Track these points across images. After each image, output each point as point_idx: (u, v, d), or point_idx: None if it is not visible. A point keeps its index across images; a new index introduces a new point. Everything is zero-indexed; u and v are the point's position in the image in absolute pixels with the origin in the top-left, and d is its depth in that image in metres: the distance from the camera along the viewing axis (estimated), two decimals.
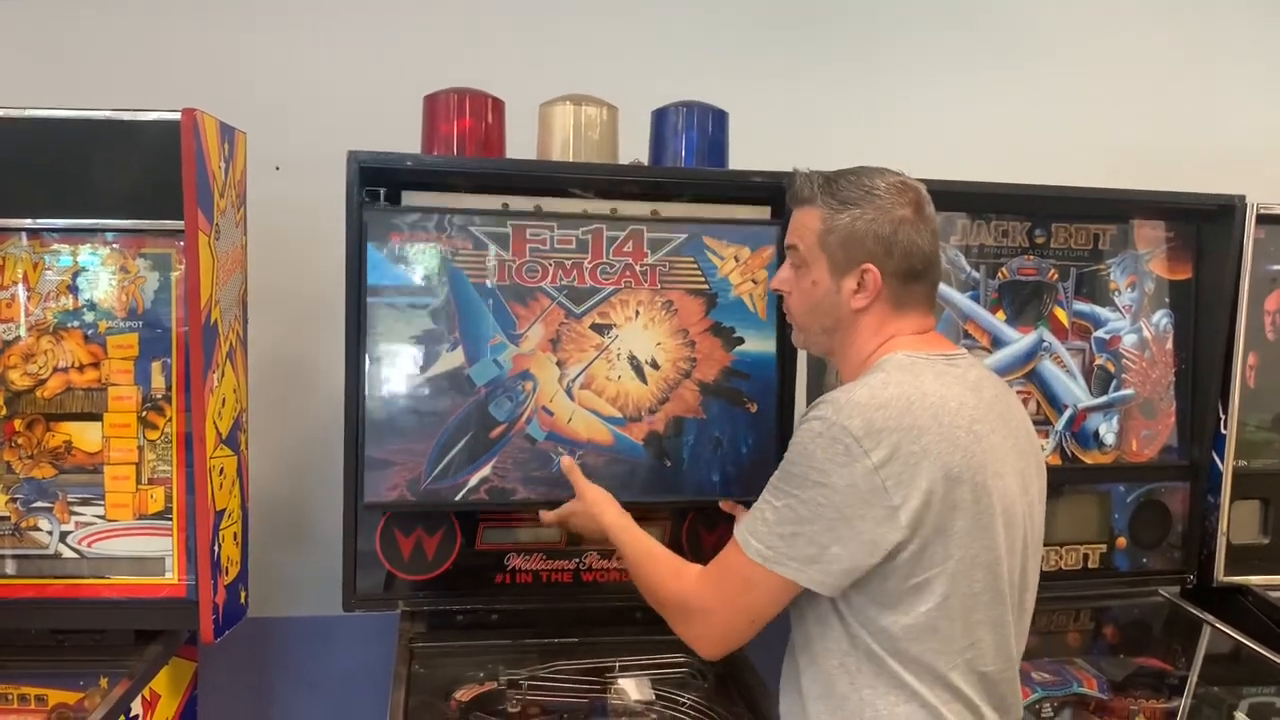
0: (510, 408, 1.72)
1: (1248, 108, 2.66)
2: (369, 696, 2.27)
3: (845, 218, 1.35)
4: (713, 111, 1.92)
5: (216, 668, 2.10)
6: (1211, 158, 2.45)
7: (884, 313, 1.37)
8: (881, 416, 1.23)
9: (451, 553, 1.82)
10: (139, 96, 1.75)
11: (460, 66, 2.03)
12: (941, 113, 2.47)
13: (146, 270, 1.71)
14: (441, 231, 1.72)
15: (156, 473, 1.72)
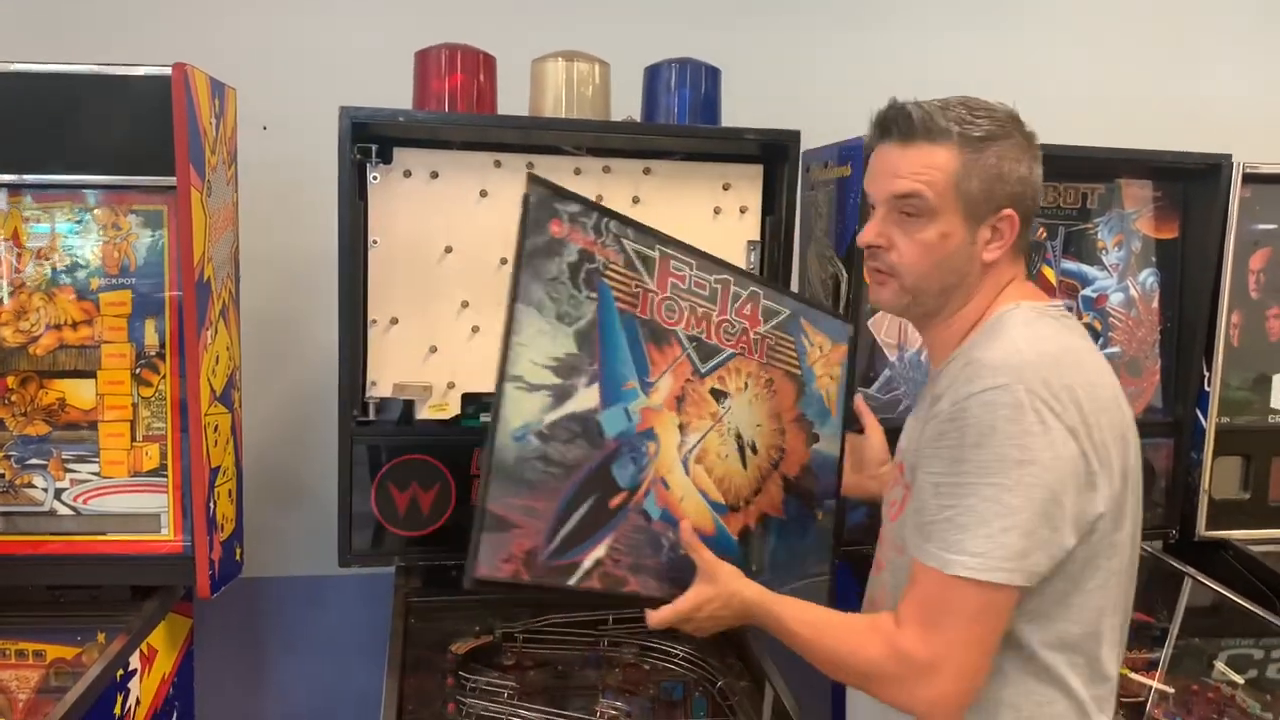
0: (633, 473, 1.32)
1: (1235, 67, 2.67)
2: (362, 654, 2.29)
3: (990, 156, 1.17)
4: (706, 68, 1.92)
5: (212, 626, 2.12)
6: (1199, 117, 2.46)
7: (1007, 263, 1.22)
8: (1058, 374, 1.08)
9: (447, 508, 1.84)
10: (128, 51, 1.74)
11: (451, 23, 2.01)
12: (931, 70, 2.46)
13: (138, 227, 1.70)
14: (598, 236, 1.33)
15: (151, 430, 1.72)
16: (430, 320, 1.83)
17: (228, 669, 2.25)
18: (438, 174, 1.81)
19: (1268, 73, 2.69)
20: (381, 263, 1.81)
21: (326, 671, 2.34)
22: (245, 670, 2.32)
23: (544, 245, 1.30)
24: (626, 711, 1.63)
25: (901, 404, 2.00)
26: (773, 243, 1.91)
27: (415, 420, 1.85)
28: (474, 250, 1.83)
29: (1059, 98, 2.48)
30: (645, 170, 1.87)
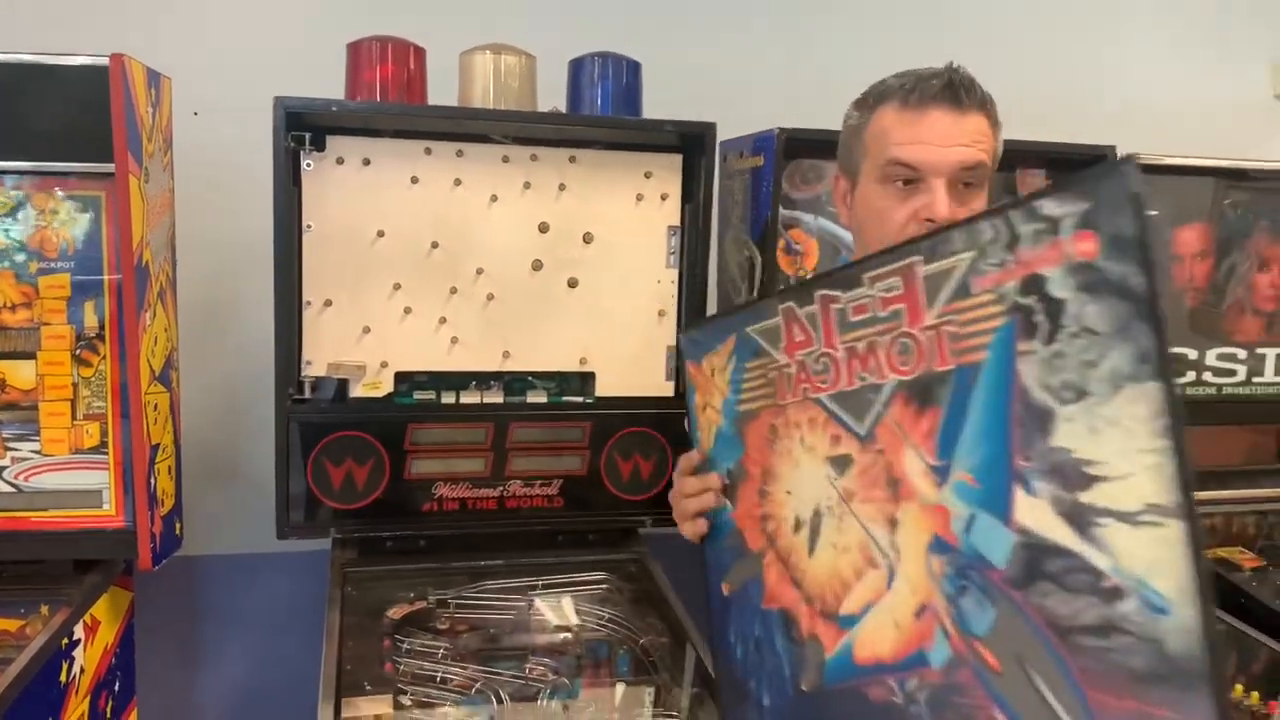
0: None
1: (1120, 65, 2.84)
2: (297, 628, 2.37)
3: (1000, 134, 1.28)
4: (626, 62, 2.01)
5: (149, 603, 2.17)
6: (1088, 110, 2.63)
7: None
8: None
9: (381, 482, 1.92)
10: (62, 39, 1.79)
11: (382, 14, 2.08)
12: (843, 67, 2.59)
13: (76, 212, 1.75)
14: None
15: (92, 408, 1.78)
16: (363, 302, 1.91)
17: (166, 643, 2.30)
18: (370, 161, 1.88)
19: (1152, 68, 2.87)
20: (315, 247, 1.88)
21: (262, 644, 2.41)
22: (183, 644, 2.38)
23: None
24: (554, 668, 1.73)
25: None
26: (692, 228, 2.01)
27: (349, 398, 1.93)
28: (405, 234, 1.91)
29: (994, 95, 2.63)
30: (571, 159, 1.96)
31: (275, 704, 2.35)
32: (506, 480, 1.98)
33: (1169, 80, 2.93)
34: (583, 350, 2.01)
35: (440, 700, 1.58)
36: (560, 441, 2.00)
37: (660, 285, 2.03)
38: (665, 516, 2.04)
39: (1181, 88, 2.95)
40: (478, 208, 1.93)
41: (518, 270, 1.96)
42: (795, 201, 2.08)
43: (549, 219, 1.96)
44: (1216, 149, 2.42)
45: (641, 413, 2.03)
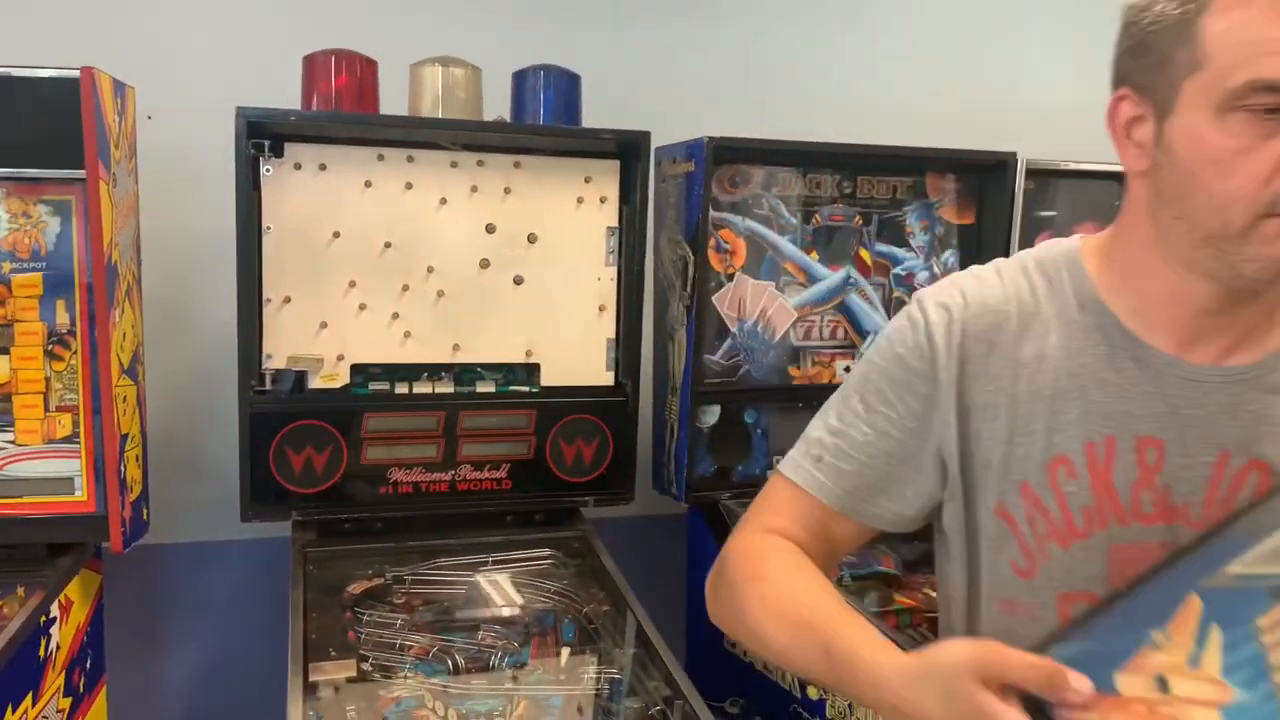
0: None
1: (1023, 74, 3.05)
2: (258, 610, 2.48)
3: None
4: (567, 74, 2.16)
5: (116, 588, 2.26)
6: (992, 118, 2.82)
7: None
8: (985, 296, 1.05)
9: (339, 468, 2.05)
10: (31, 52, 1.88)
11: (334, 29, 2.20)
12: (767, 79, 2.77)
13: (48, 215, 1.85)
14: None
15: (64, 400, 1.88)
16: (320, 299, 2.03)
17: (132, 625, 2.40)
18: (326, 166, 2.01)
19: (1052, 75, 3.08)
20: (275, 247, 2.00)
21: (224, 625, 2.51)
22: (148, 626, 2.47)
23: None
24: (505, 637, 1.88)
25: (741, 368, 2.30)
26: (629, 229, 2.17)
27: (307, 390, 2.05)
28: (359, 235, 2.04)
29: (880, 101, 2.82)
30: (515, 164, 2.10)
31: (237, 679, 2.47)
32: (458, 465, 2.11)
33: (1070, 87, 3.15)
34: (528, 343, 2.15)
35: (400, 665, 1.72)
36: (508, 428, 2.14)
37: (600, 282, 2.18)
38: (606, 496, 2.22)
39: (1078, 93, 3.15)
40: (428, 210, 2.07)
41: (466, 268, 2.10)
42: (724, 204, 2.25)
43: (495, 220, 2.10)
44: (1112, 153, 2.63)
45: (583, 400, 2.18)
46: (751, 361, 2.31)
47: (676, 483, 2.28)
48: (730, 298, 2.27)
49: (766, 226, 2.29)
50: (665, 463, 2.32)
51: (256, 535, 2.38)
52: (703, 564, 2.34)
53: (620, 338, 2.20)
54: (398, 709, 1.65)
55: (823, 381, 2.36)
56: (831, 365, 2.37)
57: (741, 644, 1.09)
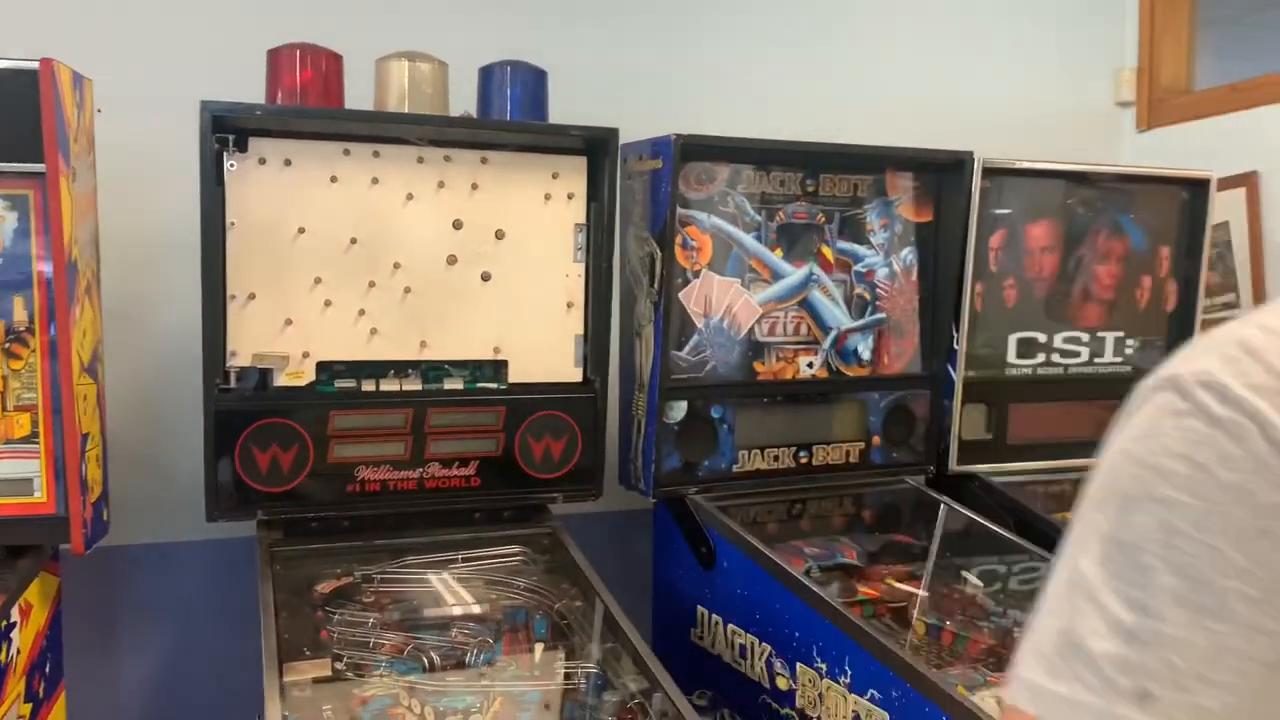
0: None
1: (979, 76, 3.13)
2: (218, 612, 2.45)
3: None
4: (534, 70, 2.16)
5: (72, 591, 2.22)
6: (950, 118, 2.88)
7: None
8: None
9: (305, 466, 2.02)
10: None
11: (298, 23, 2.18)
12: (734, 77, 2.81)
13: (4, 210, 1.80)
14: None
15: (22, 400, 1.83)
16: (285, 295, 2.00)
17: (89, 629, 2.35)
18: (290, 161, 1.98)
19: (1007, 79, 3.16)
20: (239, 243, 1.97)
21: (183, 628, 2.47)
22: (106, 631, 2.43)
23: None
24: (477, 633, 1.88)
25: (708, 364, 2.32)
26: (597, 225, 2.17)
27: (271, 387, 2.02)
28: (325, 231, 2.01)
29: (836, 100, 2.87)
30: (483, 160, 2.10)
31: (199, 681, 2.43)
32: (425, 463, 2.10)
33: (1020, 89, 3.23)
34: (496, 339, 2.15)
35: (373, 664, 1.71)
36: (476, 425, 2.13)
37: (568, 279, 2.18)
38: (574, 492, 2.23)
39: (1032, 95, 3.25)
40: (394, 206, 2.05)
41: (433, 264, 2.09)
42: (690, 201, 2.27)
43: (462, 216, 2.09)
44: (1064, 152, 2.71)
45: (552, 397, 2.18)
46: (717, 357, 2.32)
47: (644, 478, 2.29)
48: (696, 294, 2.29)
49: (732, 223, 2.31)
50: (632, 458, 2.34)
51: (216, 536, 2.34)
52: (669, 557, 2.36)
53: (588, 334, 2.21)
54: (373, 707, 1.64)
55: (786, 377, 2.39)
56: (795, 361, 2.40)
57: None
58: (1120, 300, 2.75)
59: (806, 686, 1.92)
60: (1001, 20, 3.21)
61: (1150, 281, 2.77)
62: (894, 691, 1.71)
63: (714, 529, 2.21)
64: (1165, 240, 2.78)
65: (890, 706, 1.72)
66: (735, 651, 2.13)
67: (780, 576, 2.00)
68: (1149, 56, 3.46)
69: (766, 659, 2.03)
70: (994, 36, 3.17)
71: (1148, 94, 3.47)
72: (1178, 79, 3.46)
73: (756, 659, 2.06)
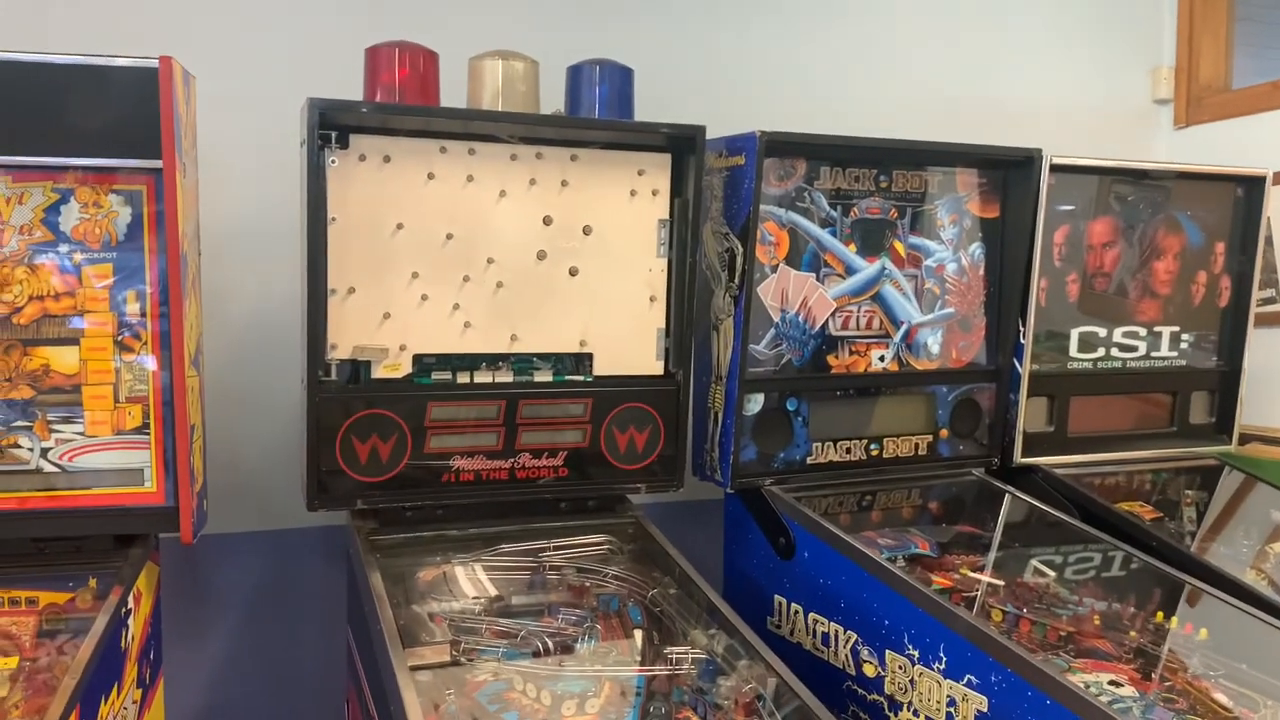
0: None
1: (1049, 73, 3.17)
2: (306, 600, 2.50)
3: None
4: (620, 68, 2.19)
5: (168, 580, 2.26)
6: (1019, 115, 2.93)
7: None
8: None
9: (403, 456, 2.06)
10: (85, 41, 1.87)
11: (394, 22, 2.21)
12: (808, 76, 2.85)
13: (119, 205, 1.84)
14: None
15: (134, 391, 1.87)
16: (384, 289, 2.04)
17: (183, 619, 2.39)
18: (389, 158, 2.02)
19: (1075, 77, 3.21)
20: (340, 238, 2.00)
21: (275, 617, 2.51)
22: (198, 619, 2.47)
23: None
24: (575, 620, 1.92)
25: (784, 358, 2.36)
26: (680, 221, 2.21)
27: (370, 379, 2.06)
28: (422, 226, 2.05)
29: (910, 97, 2.91)
30: (572, 157, 2.13)
31: (290, 668, 2.47)
32: (517, 453, 2.14)
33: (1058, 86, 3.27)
34: (582, 333, 2.19)
35: (489, 649, 1.75)
36: (564, 417, 2.17)
37: (652, 273, 2.22)
38: (657, 483, 2.27)
39: (1070, 93, 3.29)
40: (488, 202, 2.09)
41: (524, 260, 2.13)
42: (768, 196, 2.31)
43: (552, 213, 2.13)
44: (1101, 149, 2.75)
45: (635, 389, 2.22)
46: (792, 351, 2.37)
47: (721, 470, 2.33)
48: (774, 288, 2.33)
49: (808, 219, 2.35)
50: (709, 450, 2.38)
51: (291, 526, 2.39)
52: (743, 547, 2.41)
53: (670, 328, 2.25)
54: (488, 691, 1.68)
55: (858, 370, 2.44)
56: (867, 355, 2.45)
57: None
58: (1176, 295, 2.79)
59: (896, 673, 1.97)
60: (1040, 19, 3.25)
61: (1205, 277, 2.82)
62: (993, 676, 1.76)
63: (793, 520, 2.26)
64: (1219, 236, 2.83)
65: (990, 691, 1.76)
66: (817, 639, 2.17)
67: (869, 566, 2.04)
68: (1187, 54, 3.51)
69: (852, 646, 2.08)
70: (1033, 34, 3.22)
71: (1186, 91, 3.51)
72: (1216, 76, 3.50)
73: (841, 647, 2.11)
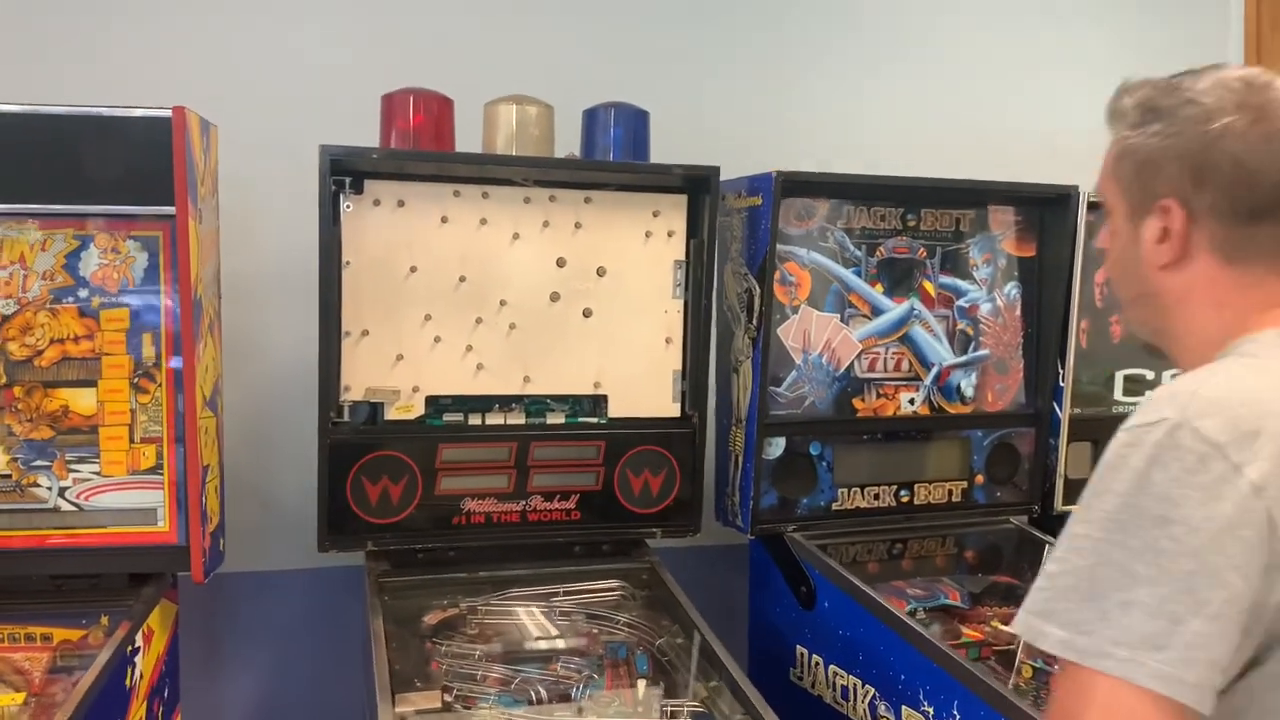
0: None
1: (1081, 107, 3.06)
2: (324, 639, 2.51)
3: (1140, 135, 1.01)
4: (635, 111, 2.19)
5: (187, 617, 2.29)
6: (1053, 151, 2.84)
7: (1213, 272, 0.98)
8: (1251, 415, 0.86)
9: (414, 498, 2.07)
10: (113, 92, 1.93)
11: (408, 67, 2.25)
12: (830, 114, 2.81)
13: (136, 251, 1.89)
14: None
15: (148, 432, 1.91)
16: (397, 332, 2.06)
17: (203, 656, 2.43)
18: (403, 203, 2.05)
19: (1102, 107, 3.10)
20: (354, 281, 2.03)
21: (291, 654, 2.53)
22: (218, 656, 2.50)
23: None
24: (580, 667, 1.88)
25: (806, 400, 2.31)
26: (696, 262, 2.19)
27: (382, 421, 2.08)
28: (436, 269, 2.07)
29: (937, 134, 2.85)
30: (586, 199, 2.13)
31: (306, 708, 2.48)
32: (529, 495, 2.13)
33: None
34: (596, 375, 2.18)
35: (483, 696, 1.73)
36: (577, 459, 2.16)
37: (667, 315, 2.21)
38: (673, 528, 2.23)
39: None
40: (501, 245, 2.10)
41: (537, 301, 2.13)
42: (789, 236, 2.27)
43: (566, 254, 2.13)
44: None
45: (651, 432, 2.20)
46: (816, 394, 2.32)
47: (741, 515, 2.29)
48: (795, 330, 2.29)
49: (831, 259, 2.31)
50: (729, 494, 2.33)
51: (321, 564, 2.40)
52: (766, 595, 2.35)
53: (687, 370, 2.22)
54: None
55: (887, 414, 2.37)
56: (895, 397, 2.38)
57: None
58: None
59: None
60: (1096, 48, 3.16)
61: None
62: None
63: (814, 568, 2.19)
64: None
65: None
66: (837, 693, 2.11)
67: (885, 618, 1.97)
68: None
69: (870, 701, 2.01)
70: (1090, 66, 3.12)
71: None
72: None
73: (859, 701, 2.03)
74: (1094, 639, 0.83)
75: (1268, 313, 0.98)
